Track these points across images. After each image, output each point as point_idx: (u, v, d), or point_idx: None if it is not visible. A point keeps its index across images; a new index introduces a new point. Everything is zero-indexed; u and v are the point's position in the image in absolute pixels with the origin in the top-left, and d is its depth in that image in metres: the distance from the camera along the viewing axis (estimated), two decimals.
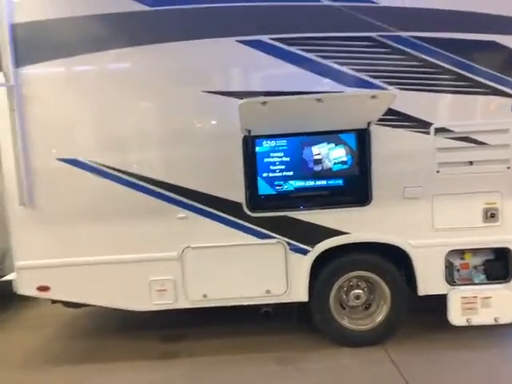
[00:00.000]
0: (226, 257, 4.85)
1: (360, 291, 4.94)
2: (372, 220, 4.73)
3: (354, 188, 4.72)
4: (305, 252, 4.77)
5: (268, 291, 4.86)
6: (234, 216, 4.79)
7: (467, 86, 4.57)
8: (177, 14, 4.61)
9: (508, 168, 4.62)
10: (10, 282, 4.83)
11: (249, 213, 4.75)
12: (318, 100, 4.10)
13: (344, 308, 4.94)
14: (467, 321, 4.74)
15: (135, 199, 4.72)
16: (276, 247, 4.81)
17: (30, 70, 4.59)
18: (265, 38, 4.62)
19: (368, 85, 4.58)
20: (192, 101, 4.70)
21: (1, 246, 6.09)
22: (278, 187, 4.66)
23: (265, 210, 4.77)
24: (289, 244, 4.75)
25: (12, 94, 4.55)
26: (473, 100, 4.60)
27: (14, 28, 4.54)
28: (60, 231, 4.77)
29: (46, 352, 5.25)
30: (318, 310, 4.85)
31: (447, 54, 4.53)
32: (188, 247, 4.82)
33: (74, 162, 4.76)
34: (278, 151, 4.64)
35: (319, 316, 4.82)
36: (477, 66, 4.53)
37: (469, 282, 4.82)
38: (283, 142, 4.59)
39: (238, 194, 4.75)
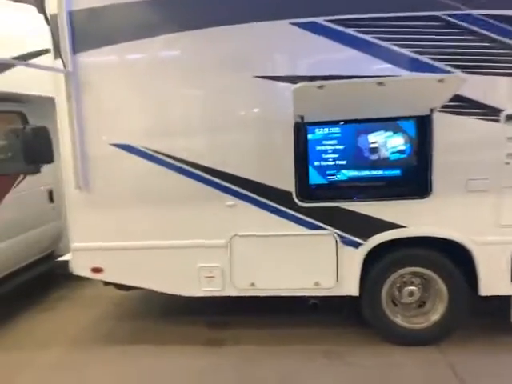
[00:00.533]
0: (275, 246, 4.30)
1: (414, 288, 4.28)
2: (431, 213, 4.05)
3: (413, 179, 4.04)
4: (357, 245, 4.16)
5: (317, 283, 4.29)
6: (284, 205, 4.23)
7: None
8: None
9: None
10: (67, 262, 4.66)
11: (299, 202, 4.19)
12: (380, 84, 3.49)
13: (396, 305, 4.21)
14: None
15: (185, 185, 4.28)
16: (327, 239, 4.22)
17: (86, 57, 4.23)
18: (320, 19, 3.99)
19: (431, 68, 3.89)
20: (243, 86, 4.15)
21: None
22: (330, 177, 4.03)
23: (316, 200, 4.19)
24: (340, 236, 4.16)
25: (69, 81, 4.25)
26: None
27: (72, 15, 4.21)
28: (113, 215, 4.42)
29: (96, 331, 4.98)
30: (368, 306, 4.26)
31: None
32: (236, 235, 4.31)
33: (126, 148, 4.36)
34: (331, 139, 4.00)
35: (370, 312, 4.19)
36: None
37: None
38: (337, 129, 3.91)
39: (287, 183, 4.17)
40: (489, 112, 3.82)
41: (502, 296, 4.01)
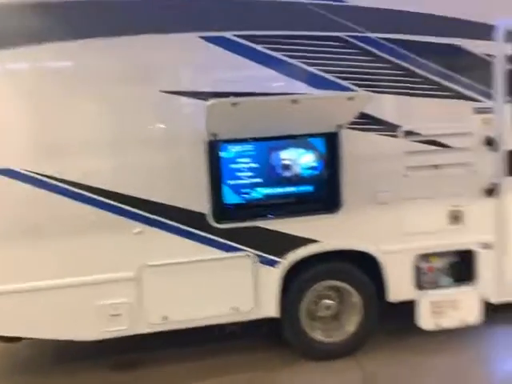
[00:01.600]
0: (189, 274, 3.27)
1: (330, 301, 3.51)
2: (343, 227, 3.39)
3: (325, 194, 3.38)
4: (275, 264, 3.30)
5: (235, 308, 3.33)
6: (197, 228, 3.25)
7: (433, 90, 3.44)
8: (131, 4, 3.07)
9: (471, 171, 3.50)
10: None
11: (214, 224, 3.22)
12: (294, 101, 2.85)
13: (314, 320, 3.10)
14: (436, 325, 3.52)
15: (82, 213, 3.07)
16: (244, 260, 3.31)
17: None
18: (229, 34, 3.05)
19: (337, 86, 3.31)
20: (148, 101, 3.15)
21: None
22: (245, 195, 3.04)
23: (231, 220, 3.27)
24: (258, 256, 3.25)
25: None
26: (438, 103, 3.45)
27: None
28: None
29: None
30: (289, 325, 3.17)
31: (414, 56, 3.38)
32: (145, 265, 3.20)
33: (6, 172, 3.00)
34: (245, 156, 3.11)
35: (290, 330, 3.07)
36: (441, 68, 3.42)
37: (435, 285, 3.59)
38: (250, 146, 2.97)
39: (200, 204, 3.22)
40: (388, 128, 3.35)
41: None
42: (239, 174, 3.18)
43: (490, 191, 3.39)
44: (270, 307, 3.27)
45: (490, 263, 3.45)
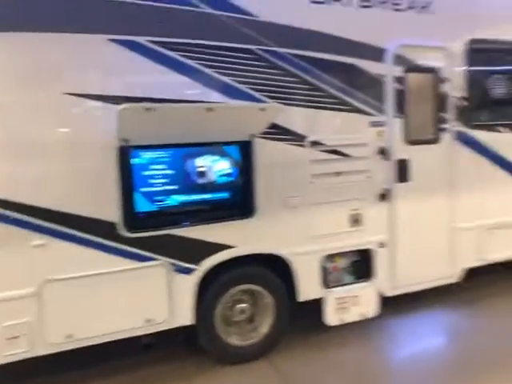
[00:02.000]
0: (97, 287, 2.88)
1: (244, 305, 3.29)
2: (257, 232, 3.27)
3: (239, 200, 3.22)
4: (190, 271, 3.06)
5: (149, 320, 3.00)
6: (107, 238, 2.89)
7: (335, 103, 3.49)
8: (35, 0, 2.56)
9: (368, 177, 3.60)
10: None
11: (125, 233, 2.89)
12: (209, 109, 2.71)
13: (229, 325, 2.85)
14: (340, 320, 3.55)
15: None
16: (158, 269, 3.02)
17: None
18: (141, 39, 2.70)
19: (249, 97, 3.21)
20: (51, 104, 2.74)
21: None
22: (158, 203, 2.65)
23: (144, 228, 2.96)
24: (172, 264, 2.93)
25: None
26: (339, 116, 3.52)
27: None
28: None
29: None
30: (204, 331, 2.87)
31: (317, 72, 3.42)
32: (47, 280, 2.75)
33: None
34: (159, 163, 2.75)
35: (205, 337, 2.81)
36: (342, 85, 3.50)
37: (339, 283, 3.62)
38: (164, 153, 2.62)
39: (110, 213, 2.86)
40: (297, 138, 3.34)
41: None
42: (152, 181, 2.87)
43: (383, 196, 3.47)
44: (185, 315, 3.00)
45: (385, 260, 3.53)
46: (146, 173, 2.87)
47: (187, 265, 2.98)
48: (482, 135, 3.86)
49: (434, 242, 3.75)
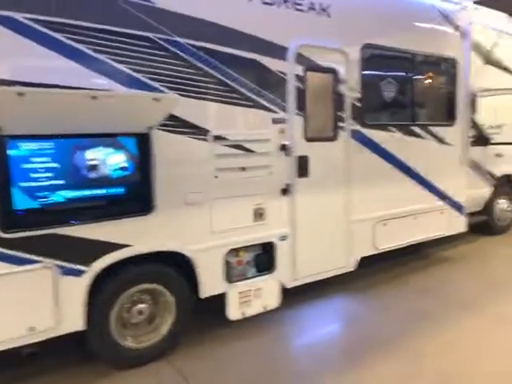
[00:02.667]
0: None
1: (143, 305, 3.14)
2: (155, 229, 3.12)
3: (136, 196, 3.02)
4: (79, 273, 2.81)
5: (32, 328, 2.73)
6: None
7: (238, 99, 3.44)
8: None
9: (270, 173, 3.63)
10: None
11: (0, 234, 2.44)
12: (93, 97, 2.49)
13: (127, 327, 2.68)
14: (242, 313, 3.55)
15: None
16: (41, 273, 2.74)
17: None
18: (19, 16, 2.41)
19: (147, 87, 3.02)
20: None
21: None
22: (42, 199, 2.46)
23: (24, 228, 2.65)
24: (59, 267, 2.63)
25: None
26: (243, 111, 3.48)
27: None
28: None
29: None
30: (97, 336, 2.64)
31: (220, 65, 3.33)
32: None
33: None
34: (42, 155, 2.53)
35: (98, 342, 2.62)
36: (245, 80, 3.46)
37: (243, 277, 3.62)
38: (49, 144, 2.44)
39: None
40: (199, 132, 3.24)
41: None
42: (34, 175, 2.54)
43: (285, 191, 3.53)
44: (75, 321, 2.76)
45: (286, 253, 3.60)
46: (27, 166, 2.55)
47: (76, 266, 2.73)
48: (374, 134, 4.11)
49: (332, 234, 3.92)
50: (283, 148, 3.52)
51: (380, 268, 4.81)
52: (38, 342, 2.71)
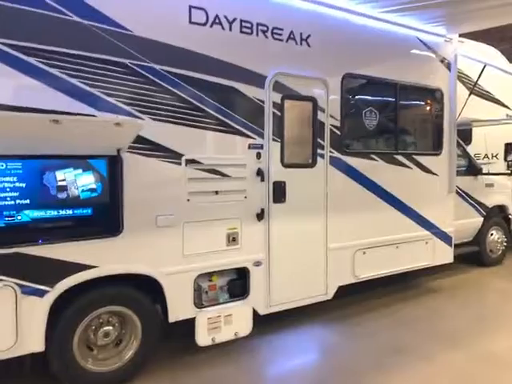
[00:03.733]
0: None
1: (110, 327, 2.96)
2: (123, 251, 3.09)
3: (104, 217, 2.98)
4: (42, 293, 2.73)
5: None
6: None
7: (214, 124, 3.46)
8: None
9: (245, 197, 3.61)
10: None
11: None
12: (55, 121, 2.49)
13: (92, 349, 2.63)
14: (212, 340, 3.44)
15: None
16: (2, 292, 2.70)
17: None
18: None
19: (120, 111, 3.06)
20: None
21: None
22: (8, 218, 2.39)
23: None
24: (20, 286, 2.51)
25: None
26: (218, 136, 3.49)
27: None
28: None
29: None
30: (58, 357, 2.57)
31: (196, 91, 3.36)
32: None
33: None
34: (10, 175, 2.42)
35: (59, 364, 2.53)
36: (221, 106, 3.48)
37: (215, 302, 3.54)
38: (17, 164, 2.32)
39: None
40: (172, 156, 3.24)
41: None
42: (2, 194, 2.53)
43: (260, 215, 3.48)
44: (34, 341, 2.71)
45: (260, 279, 3.53)
46: None
47: (38, 286, 2.70)
48: (355, 161, 4.07)
49: (309, 261, 3.84)
50: (259, 173, 3.49)
51: (364, 297, 4.68)
52: None
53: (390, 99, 4.40)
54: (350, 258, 4.09)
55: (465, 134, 5.67)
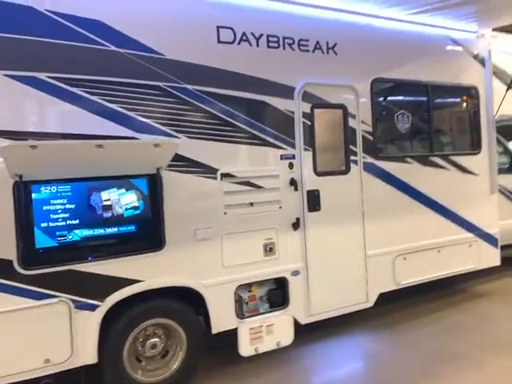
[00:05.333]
0: None
1: (156, 339, 3.12)
2: (166, 265, 3.18)
3: (147, 233, 3.12)
4: (93, 308, 2.89)
5: (48, 360, 2.83)
6: (1, 276, 2.72)
7: (246, 138, 3.53)
8: None
9: (280, 207, 3.62)
10: None
11: (22, 271, 2.75)
12: (99, 146, 2.64)
13: (140, 361, 2.73)
14: (255, 350, 3.45)
15: None
16: (58, 307, 2.86)
17: None
18: (41, 75, 2.79)
19: (158, 131, 3.19)
20: None
21: None
22: (60, 238, 2.56)
23: (43, 265, 2.81)
24: (74, 301, 2.74)
25: None
26: (250, 149, 3.56)
27: None
28: None
29: None
30: (109, 369, 2.67)
31: (228, 108, 3.45)
32: None
33: None
34: (61, 197, 2.74)
35: (111, 375, 2.64)
36: (252, 120, 3.54)
37: (256, 312, 3.55)
38: (66, 187, 2.55)
39: (6, 250, 2.71)
40: (208, 171, 3.34)
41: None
42: (54, 216, 2.75)
43: (296, 225, 3.51)
44: (88, 354, 2.86)
45: (299, 288, 3.53)
46: (47, 207, 2.75)
47: (90, 301, 2.85)
48: (389, 166, 4.02)
49: (347, 268, 3.80)
50: (292, 183, 3.53)
51: (408, 303, 4.55)
52: (54, 374, 2.77)
53: (422, 100, 4.32)
54: (390, 264, 4.01)
55: (507, 130, 5.42)
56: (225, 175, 3.28)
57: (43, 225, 2.74)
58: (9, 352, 2.64)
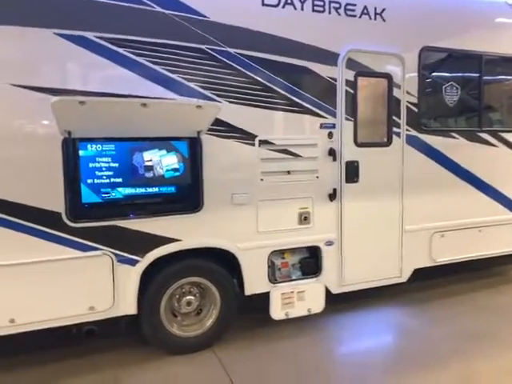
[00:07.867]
0: (42, 274, 2.83)
1: (191, 297, 3.29)
2: (203, 226, 3.20)
3: (186, 195, 3.14)
4: (134, 262, 3.02)
5: (92, 308, 2.96)
6: (51, 227, 2.83)
7: (286, 105, 3.41)
8: None
9: (317, 177, 3.53)
10: None
11: (69, 223, 2.85)
12: (143, 105, 2.62)
13: (176, 316, 2.89)
14: (286, 314, 3.47)
15: None
16: (101, 259, 2.96)
17: None
18: (89, 34, 2.80)
19: (199, 95, 3.12)
20: None
21: None
22: (104, 195, 2.65)
23: (89, 219, 2.90)
24: (116, 255, 2.94)
25: None
26: (290, 117, 3.43)
27: None
28: None
29: None
30: (147, 321, 2.77)
31: (269, 73, 3.33)
32: None
33: None
34: (106, 156, 2.72)
35: (149, 327, 2.71)
36: (293, 87, 3.42)
37: (288, 279, 3.54)
38: (111, 146, 2.61)
39: (55, 203, 2.81)
40: (246, 137, 3.26)
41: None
42: (98, 173, 2.79)
43: (332, 196, 3.41)
44: (128, 305, 2.96)
45: (332, 258, 3.47)
46: (93, 165, 2.81)
47: (131, 256, 2.92)
48: (433, 140, 3.80)
49: (383, 242, 3.68)
50: (331, 153, 3.41)
51: (443, 282, 4.38)
52: (97, 321, 2.90)
53: (473, 73, 3.98)
54: (427, 240, 3.84)
55: None
56: (263, 142, 3.21)
57: (89, 181, 2.79)
58: (58, 298, 2.78)
